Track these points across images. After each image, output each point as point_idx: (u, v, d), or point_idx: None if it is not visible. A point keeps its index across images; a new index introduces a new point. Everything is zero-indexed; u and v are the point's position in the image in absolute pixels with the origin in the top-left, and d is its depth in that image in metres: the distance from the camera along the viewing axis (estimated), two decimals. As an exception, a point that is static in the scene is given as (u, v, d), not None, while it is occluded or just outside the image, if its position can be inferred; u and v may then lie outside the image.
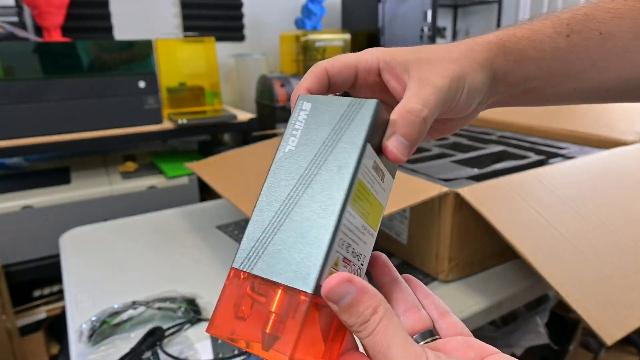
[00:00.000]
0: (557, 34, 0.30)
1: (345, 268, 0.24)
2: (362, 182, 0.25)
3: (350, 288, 0.21)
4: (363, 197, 0.25)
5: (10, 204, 1.32)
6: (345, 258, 0.24)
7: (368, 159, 0.25)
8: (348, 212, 0.24)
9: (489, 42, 0.31)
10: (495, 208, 0.66)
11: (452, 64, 0.29)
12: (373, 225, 0.27)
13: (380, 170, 0.27)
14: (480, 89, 0.30)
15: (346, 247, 0.24)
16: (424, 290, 0.29)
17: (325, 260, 0.23)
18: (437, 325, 0.27)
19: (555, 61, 0.31)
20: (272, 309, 0.23)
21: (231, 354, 0.60)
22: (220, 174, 0.97)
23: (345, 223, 0.24)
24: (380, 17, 1.96)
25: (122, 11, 1.89)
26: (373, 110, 0.25)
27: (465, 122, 0.33)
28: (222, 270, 0.82)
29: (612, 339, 0.53)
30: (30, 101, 1.35)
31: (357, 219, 0.25)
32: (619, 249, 0.65)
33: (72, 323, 0.68)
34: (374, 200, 0.27)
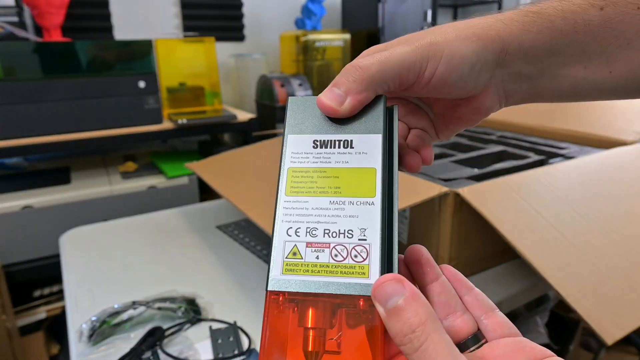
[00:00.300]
0: (590, 6, 0.27)
1: (317, 252, 0.24)
2: (294, 168, 0.26)
3: (401, 289, 0.20)
4: (306, 179, 0.26)
5: (10, 204, 1.32)
6: (309, 243, 0.24)
7: (296, 145, 0.27)
8: (283, 202, 0.25)
9: (501, 14, 0.28)
10: (495, 208, 0.66)
11: (429, 35, 0.27)
12: (359, 194, 0.25)
13: (331, 142, 0.27)
14: (471, 58, 0.27)
15: (305, 233, 0.24)
16: (466, 284, 0.26)
17: (270, 257, 0.24)
18: (482, 326, 0.25)
19: (587, 35, 0.27)
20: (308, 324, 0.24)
21: (231, 354, 0.60)
22: (220, 174, 0.97)
23: (284, 212, 0.25)
24: (380, 17, 1.96)
25: (122, 11, 1.89)
26: (288, 106, 0.28)
27: (479, 110, 0.30)
28: (222, 270, 0.82)
29: (612, 338, 0.53)
30: (30, 101, 1.35)
31: (311, 201, 0.25)
32: (619, 248, 0.65)
33: (72, 323, 0.68)
34: (340, 172, 0.26)
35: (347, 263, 0.24)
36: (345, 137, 0.27)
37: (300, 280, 0.23)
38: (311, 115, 0.28)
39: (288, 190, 0.26)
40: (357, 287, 0.23)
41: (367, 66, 0.26)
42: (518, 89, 0.30)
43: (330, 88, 0.27)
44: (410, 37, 0.28)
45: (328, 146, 0.27)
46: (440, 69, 0.27)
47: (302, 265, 0.24)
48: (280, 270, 0.24)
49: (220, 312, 0.70)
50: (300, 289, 0.23)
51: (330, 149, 0.26)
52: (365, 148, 0.26)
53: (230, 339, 0.63)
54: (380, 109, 0.27)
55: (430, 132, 0.32)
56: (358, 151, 0.26)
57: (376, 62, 0.26)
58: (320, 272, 0.24)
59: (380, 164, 0.26)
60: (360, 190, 0.25)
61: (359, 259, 0.24)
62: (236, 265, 0.84)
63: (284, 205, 0.25)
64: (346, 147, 0.26)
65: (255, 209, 0.73)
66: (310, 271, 0.24)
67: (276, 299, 0.24)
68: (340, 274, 0.23)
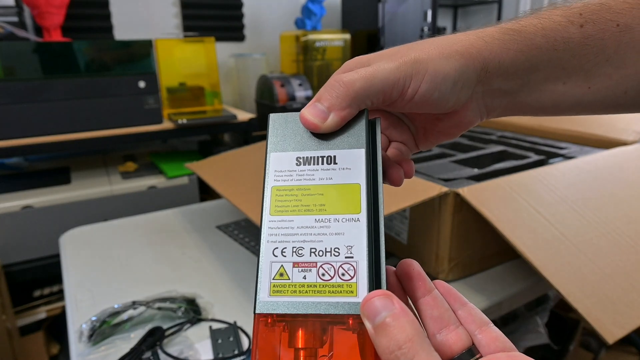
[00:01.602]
0: (570, 23, 0.27)
1: (304, 272, 0.24)
2: (278, 187, 0.26)
3: (389, 305, 0.20)
4: (290, 197, 0.26)
5: (10, 204, 1.32)
6: (295, 263, 0.24)
7: (279, 163, 0.27)
8: (268, 221, 0.26)
9: (482, 31, 0.28)
10: (495, 208, 0.66)
11: (412, 51, 0.27)
12: (344, 211, 0.25)
13: (313, 158, 0.27)
14: (453, 76, 0.27)
15: (292, 253, 0.24)
16: (459, 299, 0.26)
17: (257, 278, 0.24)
18: (476, 340, 0.24)
19: (566, 52, 0.27)
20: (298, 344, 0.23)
21: (231, 354, 0.60)
22: (220, 174, 0.97)
23: (270, 233, 0.25)
24: (380, 17, 1.96)
25: (122, 11, 1.89)
26: (270, 123, 0.28)
27: (459, 125, 0.31)
28: (222, 270, 0.82)
29: (613, 337, 0.53)
30: (30, 101, 1.35)
31: (296, 220, 0.25)
32: (620, 248, 0.65)
33: (72, 323, 0.68)
34: (325, 189, 0.26)
35: (335, 282, 0.23)
36: (328, 153, 0.27)
37: (288, 301, 0.23)
38: (293, 132, 0.28)
39: (272, 210, 0.26)
40: (346, 306, 0.23)
41: (351, 82, 0.26)
42: (498, 103, 0.30)
43: (313, 103, 0.27)
44: (394, 52, 0.28)
45: (311, 163, 0.26)
46: (422, 87, 0.27)
47: (289, 285, 0.24)
48: (268, 292, 0.24)
49: (220, 312, 0.70)
50: (288, 311, 0.23)
51: (313, 165, 0.26)
52: (349, 163, 0.26)
53: (230, 339, 0.63)
54: (363, 123, 0.27)
55: (410, 145, 0.33)
56: (342, 167, 0.26)
57: (360, 78, 0.26)
58: (308, 292, 0.23)
59: (365, 179, 0.25)
60: (345, 207, 0.25)
61: (347, 277, 0.23)
62: (236, 265, 0.84)
63: (268, 225, 0.25)
64: (329, 163, 0.26)
65: (255, 209, 0.73)
66: (298, 292, 0.23)
67: (265, 321, 0.24)
68: (328, 294, 0.23)
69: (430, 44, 0.28)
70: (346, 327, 0.23)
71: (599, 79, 0.28)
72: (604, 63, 0.28)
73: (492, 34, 0.28)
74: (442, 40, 0.28)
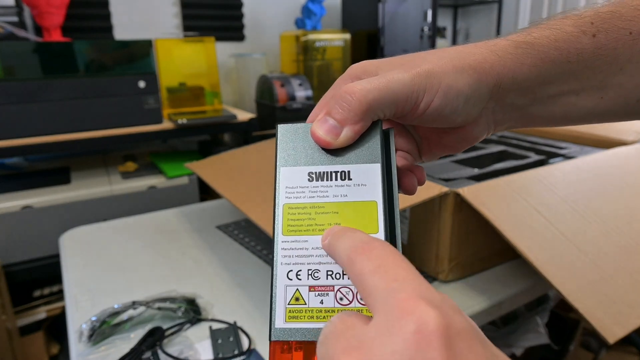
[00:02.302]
0: (582, 33, 0.27)
1: (321, 296, 0.23)
2: (290, 204, 0.25)
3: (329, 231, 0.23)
4: (303, 216, 0.24)
5: (10, 204, 1.32)
6: (312, 287, 0.23)
7: (290, 179, 0.25)
8: (281, 242, 0.24)
9: (494, 45, 0.27)
10: (495, 208, 0.66)
11: (426, 63, 0.26)
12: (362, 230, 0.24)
13: (327, 174, 0.25)
14: (466, 93, 0.26)
15: (307, 276, 0.23)
16: None
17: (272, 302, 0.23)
18: None
19: (579, 64, 0.27)
20: None
21: (231, 354, 0.60)
22: (220, 174, 0.97)
23: (284, 254, 0.24)
24: (380, 17, 1.96)
25: (122, 11, 1.88)
26: (278, 135, 0.26)
27: (466, 140, 0.30)
28: (222, 270, 0.82)
29: (614, 337, 0.53)
30: (30, 101, 1.35)
31: (311, 240, 0.24)
32: (620, 248, 0.65)
33: (72, 323, 0.68)
34: (339, 206, 0.24)
35: (354, 306, 0.22)
36: (342, 168, 0.25)
37: (305, 328, 0.22)
38: (304, 144, 0.26)
39: (285, 230, 0.24)
40: None
41: (364, 94, 0.25)
42: (508, 118, 0.29)
43: (324, 118, 0.25)
44: (406, 62, 0.27)
45: (324, 179, 0.25)
46: (435, 102, 0.26)
47: (306, 311, 0.23)
48: (284, 319, 0.23)
49: (220, 312, 0.70)
50: (305, 338, 0.22)
51: (326, 181, 0.25)
52: (364, 179, 0.25)
53: (230, 339, 0.63)
54: (378, 135, 0.26)
55: (414, 155, 0.32)
56: (356, 183, 0.25)
57: (374, 89, 0.25)
58: (326, 317, 0.22)
59: (381, 196, 0.24)
60: (362, 226, 0.24)
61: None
62: (236, 265, 0.84)
63: (282, 247, 0.24)
64: (344, 179, 0.25)
65: (255, 209, 0.72)
66: (315, 317, 0.22)
67: (281, 347, 0.23)
68: None
69: (442, 55, 0.27)
70: None
71: (612, 89, 0.28)
72: (618, 72, 0.27)
73: (505, 47, 0.27)
74: (454, 52, 0.27)
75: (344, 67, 2.02)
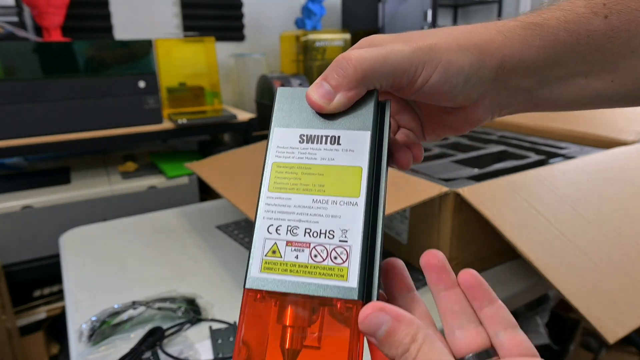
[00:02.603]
0: (594, 15, 0.26)
1: (297, 252, 0.24)
2: (279, 163, 0.26)
3: (384, 317, 0.21)
4: (290, 175, 0.25)
5: (10, 204, 1.32)
6: (289, 242, 0.24)
7: (282, 139, 0.26)
8: (266, 197, 0.25)
9: (503, 25, 0.27)
10: (495, 208, 0.66)
11: (431, 39, 0.26)
12: (343, 194, 0.24)
13: (317, 137, 0.26)
14: (467, 71, 0.26)
15: (286, 231, 0.24)
16: (489, 295, 0.24)
17: (250, 253, 0.24)
18: (497, 341, 0.23)
19: (590, 46, 0.26)
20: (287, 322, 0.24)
21: (231, 354, 0.60)
22: (220, 174, 0.97)
23: (266, 209, 0.25)
24: (380, 17, 1.96)
25: (122, 11, 1.89)
26: (277, 97, 0.28)
27: (469, 121, 0.30)
28: (222, 270, 0.82)
29: (614, 337, 0.53)
30: (30, 101, 1.35)
31: (294, 199, 0.25)
32: (620, 247, 0.65)
33: (72, 323, 0.68)
34: (325, 169, 0.25)
35: (327, 264, 0.23)
36: (332, 133, 0.26)
37: (279, 279, 0.23)
38: (299, 108, 0.27)
39: (271, 186, 0.25)
40: (335, 289, 0.23)
41: (360, 61, 0.25)
42: (513, 101, 0.29)
43: (319, 82, 0.26)
44: (410, 36, 0.27)
45: (315, 142, 0.26)
46: (434, 77, 0.26)
47: (280, 264, 0.24)
48: (259, 268, 0.24)
49: (220, 312, 0.70)
50: (278, 289, 0.23)
51: (316, 144, 0.26)
52: (353, 145, 0.25)
53: (230, 339, 0.63)
54: (372, 104, 0.26)
55: (418, 133, 0.32)
56: (345, 148, 0.25)
57: (370, 58, 0.25)
58: (299, 272, 0.23)
59: (367, 163, 0.25)
60: (344, 190, 0.24)
61: (339, 261, 0.23)
62: (236, 265, 0.84)
63: (266, 202, 0.25)
64: (333, 143, 0.26)
65: (255, 209, 0.72)
66: (289, 271, 0.23)
67: (254, 297, 0.24)
68: (318, 275, 0.23)
69: (448, 33, 0.27)
70: (334, 310, 0.23)
71: (623, 72, 0.27)
72: (629, 55, 0.26)
73: (514, 28, 0.27)
74: (461, 31, 0.27)
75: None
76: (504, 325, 0.23)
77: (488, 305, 0.24)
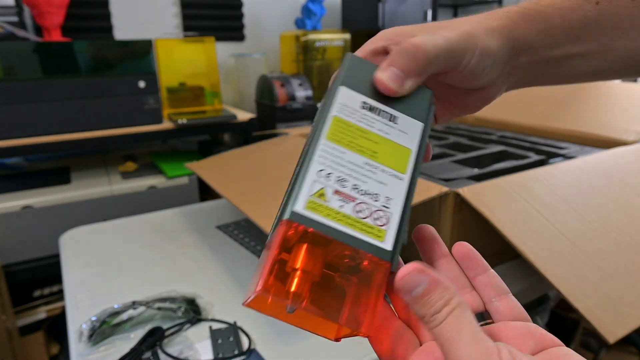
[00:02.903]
0: (586, 2, 0.29)
1: (342, 202, 0.24)
2: (340, 118, 0.26)
3: (423, 278, 0.21)
4: (348, 132, 0.26)
5: (10, 204, 1.32)
6: (337, 191, 0.24)
7: (347, 99, 0.27)
8: (322, 144, 0.25)
9: (508, 12, 0.30)
10: (495, 208, 0.66)
11: (464, 25, 0.29)
12: (393, 166, 0.26)
13: (378, 109, 0.27)
14: (494, 54, 0.29)
15: (335, 180, 0.24)
16: (482, 264, 0.26)
17: (292, 191, 0.24)
18: (492, 307, 0.25)
19: (583, 29, 0.29)
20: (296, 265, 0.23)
21: (231, 354, 0.60)
22: (220, 174, 0.97)
23: (321, 154, 0.25)
24: (380, 17, 1.96)
25: (122, 11, 1.88)
26: (347, 61, 0.29)
27: (485, 99, 0.32)
28: (222, 270, 0.82)
29: (614, 337, 0.53)
30: (30, 101, 1.35)
31: (348, 154, 0.25)
32: (620, 247, 0.65)
33: (72, 323, 0.68)
34: (380, 139, 0.26)
35: (367, 222, 0.24)
36: (392, 112, 0.27)
37: (321, 222, 0.23)
38: (365, 79, 0.28)
39: (330, 136, 0.26)
40: (370, 246, 0.23)
41: (429, 48, 0.26)
42: (519, 77, 0.31)
43: (388, 67, 0.27)
44: (444, 25, 0.29)
45: (375, 112, 0.27)
46: (473, 61, 0.28)
47: (325, 208, 0.23)
48: (304, 205, 0.23)
49: (220, 312, 0.70)
50: (319, 229, 0.23)
51: (376, 115, 0.27)
52: (407, 129, 0.27)
53: (230, 339, 0.63)
54: (427, 99, 0.28)
55: None
56: (400, 129, 0.27)
57: (436, 46, 0.26)
58: (341, 221, 0.23)
59: (416, 149, 0.27)
60: (394, 163, 0.26)
61: (379, 223, 0.24)
62: (236, 265, 0.84)
63: (322, 148, 0.25)
64: (390, 120, 0.27)
65: (255, 209, 0.72)
66: (332, 217, 0.23)
67: (295, 230, 0.23)
68: (358, 229, 0.23)
69: (472, 20, 0.29)
70: (359, 265, 0.24)
71: (616, 52, 0.29)
72: (621, 36, 0.29)
73: (518, 14, 0.29)
74: (481, 18, 0.30)
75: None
76: (497, 291, 0.25)
77: (482, 273, 0.26)
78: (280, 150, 1.03)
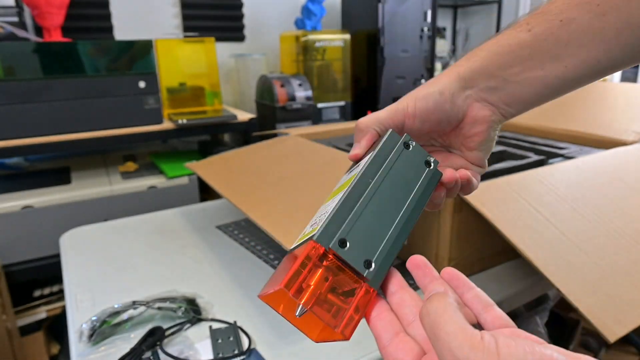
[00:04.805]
0: (519, 32, 0.33)
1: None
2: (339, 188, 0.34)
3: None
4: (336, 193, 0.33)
5: (10, 204, 1.32)
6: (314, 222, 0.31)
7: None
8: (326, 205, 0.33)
9: (455, 66, 0.36)
10: (495, 208, 0.66)
11: (436, 82, 0.36)
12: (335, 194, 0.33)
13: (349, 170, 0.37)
14: (434, 91, 0.35)
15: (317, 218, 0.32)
16: (467, 283, 0.29)
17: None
18: (481, 319, 0.27)
19: (524, 50, 0.33)
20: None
21: (231, 354, 0.60)
22: (220, 174, 0.97)
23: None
24: (380, 17, 1.96)
25: (122, 11, 1.89)
26: (387, 136, 0.34)
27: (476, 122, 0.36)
28: (222, 270, 0.82)
29: (614, 336, 0.53)
30: (30, 101, 1.35)
31: (327, 205, 0.33)
32: (620, 247, 0.65)
33: (72, 323, 0.68)
34: (339, 188, 0.34)
35: (307, 230, 0.32)
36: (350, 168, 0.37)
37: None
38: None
39: (330, 196, 0.34)
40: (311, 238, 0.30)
41: (360, 123, 0.37)
42: (497, 99, 0.35)
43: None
44: (423, 86, 0.36)
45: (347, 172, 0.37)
46: (418, 104, 0.35)
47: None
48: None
49: (220, 312, 0.70)
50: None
51: (347, 172, 0.36)
52: (353, 170, 0.36)
53: (230, 339, 0.63)
54: (395, 140, 0.34)
55: (468, 164, 0.39)
56: (350, 172, 0.36)
57: (366, 121, 0.37)
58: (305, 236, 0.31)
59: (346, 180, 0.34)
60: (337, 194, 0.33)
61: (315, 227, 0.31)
62: (236, 265, 0.84)
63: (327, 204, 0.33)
64: (348, 172, 0.37)
65: (255, 209, 0.72)
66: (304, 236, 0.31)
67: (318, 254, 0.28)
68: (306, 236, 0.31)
69: (436, 79, 0.36)
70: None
71: (570, 58, 0.32)
72: (565, 47, 0.32)
73: (459, 61, 0.36)
74: (440, 77, 0.36)
75: (344, 67, 2.01)
76: (484, 304, 0.28)
77: (468, 291, 0.29)
78: (280, 151, 1.03)
